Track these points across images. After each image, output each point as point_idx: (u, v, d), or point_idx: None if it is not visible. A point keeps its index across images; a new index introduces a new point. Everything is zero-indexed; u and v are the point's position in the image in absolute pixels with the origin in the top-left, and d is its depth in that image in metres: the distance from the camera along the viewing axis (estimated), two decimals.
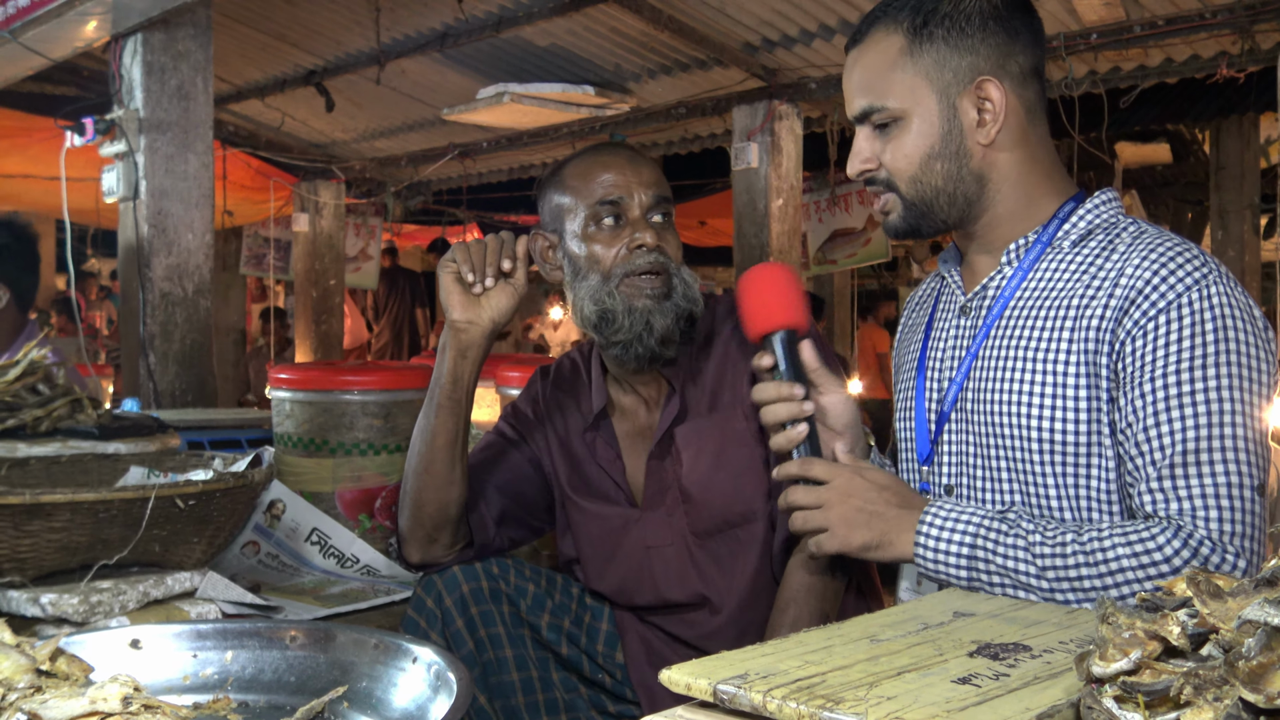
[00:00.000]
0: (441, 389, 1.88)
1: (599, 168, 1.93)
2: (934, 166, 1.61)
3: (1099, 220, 1.62)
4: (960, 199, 1.63)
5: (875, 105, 1.63)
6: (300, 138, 8.02)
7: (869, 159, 1.65)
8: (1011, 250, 1.65)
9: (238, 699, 1.35)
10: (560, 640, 1.98)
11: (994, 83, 1.60)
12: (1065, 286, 1.58)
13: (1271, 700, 0.70)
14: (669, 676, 1.07)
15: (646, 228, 1.90)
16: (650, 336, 1.88)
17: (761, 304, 1.63)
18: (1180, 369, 1.44)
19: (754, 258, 6.00)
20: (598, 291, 1.89)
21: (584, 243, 1.91)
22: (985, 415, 1.61)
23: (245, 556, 2.35)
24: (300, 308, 8.74)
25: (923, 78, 1.60)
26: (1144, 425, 1.45)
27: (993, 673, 1.05)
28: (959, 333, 1.69)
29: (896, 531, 1.54)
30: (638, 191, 1.91)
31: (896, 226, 1.68)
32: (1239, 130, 7.68)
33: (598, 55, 5.91)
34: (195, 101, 4.29)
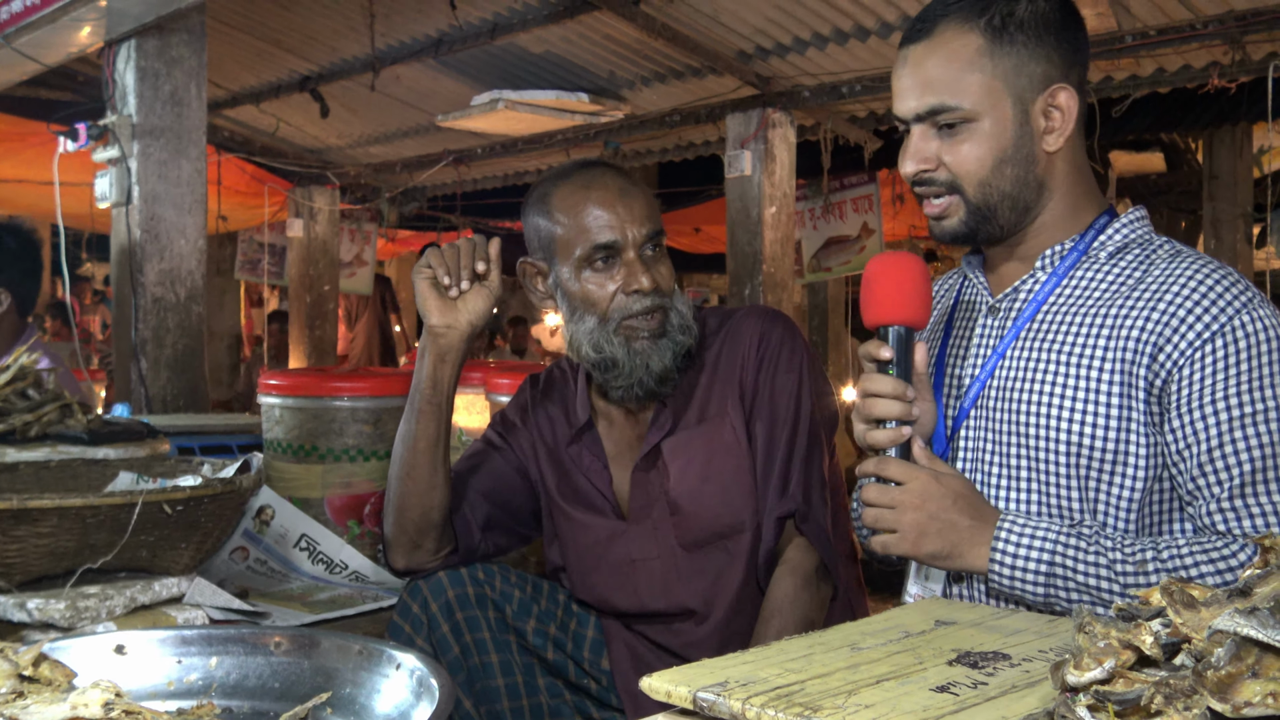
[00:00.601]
0: (421, 394, 1.89)
1: (591, 203, 1.89)
2: (1004, 171, 1.60)
3: (1134, 235, 1.64)
4: (1021, 205, 1.63)
5: (947, 104, 1.58)
6: (295, 143, 8.02)
7: (929, 159, 1.61)
8: (1047, 256, 1.65)
9: (221, 705, 1.35)
10: (546, 646, 1.99)
11: (1067, 90, 1.60)
12: (1102, 297, 1.59)
13: (1238, 710, 0.70)
14: (649, 684, 1.07)
15: (642, 269, 1.89)
16: (650, 378, 1.90)
17: (888, 294, 1.57)
18: (1241, 391, 1.48)
19: (747, 265, 6.01)
20: (595, 336, 1.89)
21: (578, 283, 1.90)
22: (1009, 415, 1.61)
23: (234, 562, 2.36)
24: (295, 313, 8.73)
25: (1000, 80, 1.58)
26: (1208, 447, 1.48)
27: (971, 681, 1.05)
28: (985, 332, 1.70)
29: (969, 545, 1.53)
30: (630, 229, 1.89)
31: (955, 231, 1.64)
32: (1232, 140, 7.70)
33: (592, 63, 5.92)
34: (188, 107, 4.30)
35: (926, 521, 1.52)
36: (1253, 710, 0.70)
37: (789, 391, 1.92)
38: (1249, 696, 0.71)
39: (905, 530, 1.53)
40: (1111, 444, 1.53)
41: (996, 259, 1.72)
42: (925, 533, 1.52)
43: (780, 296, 6.03)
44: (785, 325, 1.98)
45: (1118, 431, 1.53)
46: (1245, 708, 0.70)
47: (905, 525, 1.53)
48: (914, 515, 1.52)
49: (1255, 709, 0.70)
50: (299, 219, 8.47)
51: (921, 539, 1.53)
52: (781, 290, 6.04)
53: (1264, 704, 0.69)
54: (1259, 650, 0.75)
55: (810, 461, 1.91)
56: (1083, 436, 1.55)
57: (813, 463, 1.91)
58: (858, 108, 6.16)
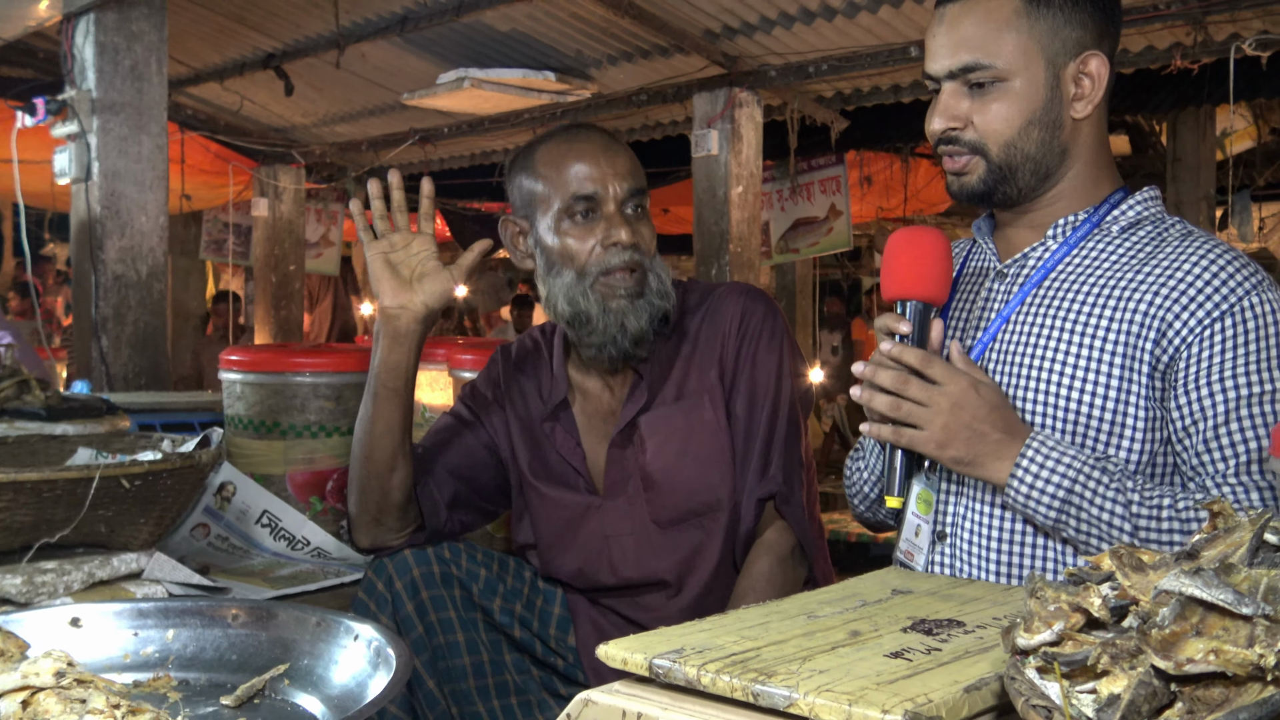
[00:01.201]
0: (377, 378, 1.87)
1: (573, 157, 1.88)
2: (1031, 133, 1.61)
3: (1147, 213, 1.66)
4: (1043, 170, 1.64)
5: (981, 62, 1.59)
6: (259, 121, 7.95)
7: (958, 117, 1.63)
8: (1059, 225, 1.67)
9: (178, 677, 1.35)
10: (512, 623, 1.98)
11: (1099, 57, 1.62)
12: (1112, 269, 1.61)
13: (1181, 667, 0.71)
14: (605, 652, 1.08)
15: (622, 223, 1.87)
16: (624, 338, 1.88)
17: (909, 268, 1.56)
18: (1250, 370, 1.51)
19: (714, 245, 6.01)
20: (572, 290, 1.87)
21: (557, 236, 1.88)
22: (1009, 378, 1.63)
23: (195, 539, 2.34)
24: (260, 293, 8.67)
25: (1035, 42, 1.60)
26: (1214, 424, 1.51)
27: (925, 647, 1.06)
28: (990, 295, 1.71)
29: (993, 457, 1.53)
30: (612, 183, 1.87)
31: (973, 189, 1.65)
32: (1196, 122, 7.74)
33: (559, 41, 5.89)
34: (149, 83, 4.25)
35: (959, 427, 1.51)
36: (1195, 667, 0.70)
37: (770, 371, 1.92)
38: (1192, 654, 0.72)
39: (934, 430, 1.51)
40: (1110, 413, 1.55)
41: (1008, 226, 1.73)
42: (954, 436, 1.51)
43: (747, 277, 6.03)
44: (767, 304, 1.97)
45: (1116, 401, 1.55)
46: (1188, 664, 0.71)
47: (936, 426, 1.51)
48: (946, 418, 1.51)
49: (1198, 665, 0.70)
50: (264, 198, 8.41)
51: (949, 441, 1.51)
52: (748, 271, 6.05)
53: (1206, 660, 0.70)
54: (1203, 609, 0.76)
55: (791, 443, 1.91)
56: (1080, 404, 1.57)
57: (793, 444, 1.91)
58: (825, 88, 6.16)
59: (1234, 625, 0.74)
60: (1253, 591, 0.77)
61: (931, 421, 1.51)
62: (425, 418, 2.74)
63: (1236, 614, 0.73)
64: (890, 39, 5.32)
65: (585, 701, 1.03)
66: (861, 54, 5.48)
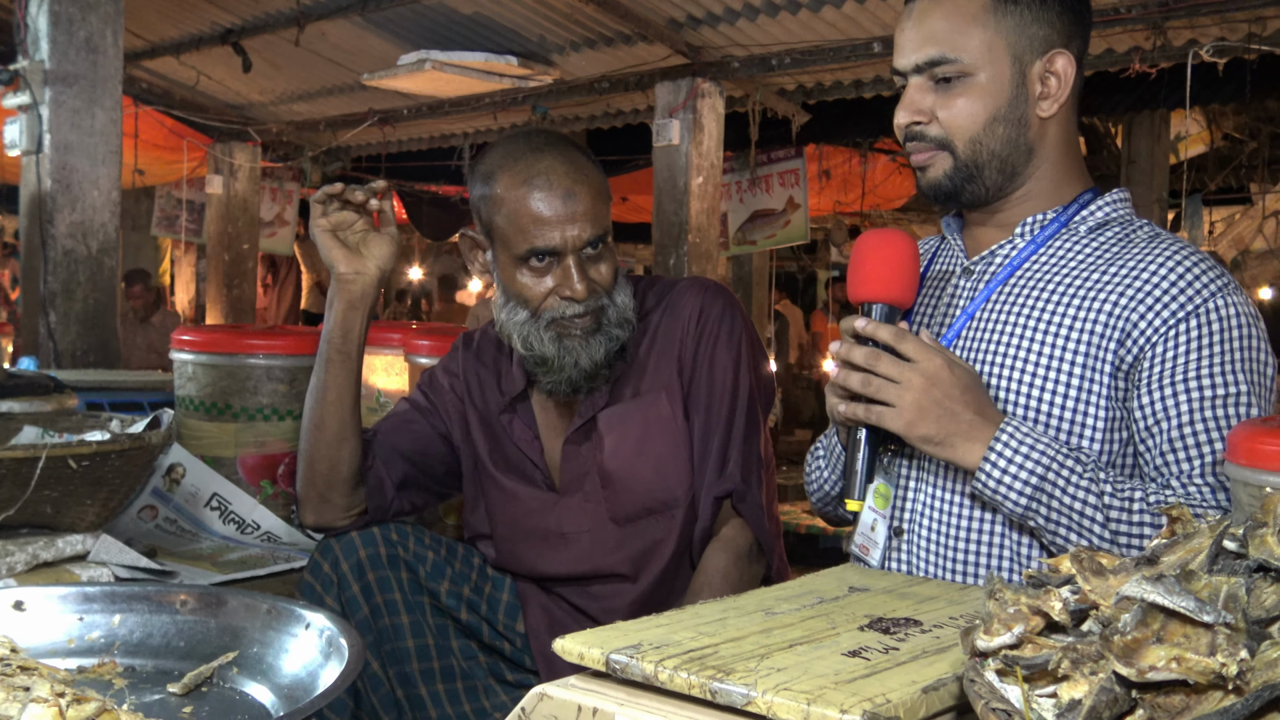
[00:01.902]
0: (331, 343, 1.87)
1: (531, 203, 1.80)
2: (996, 130, 1.61)
3: (1116, 214, 1.67)
4: (1009, 168, 1.64)
5: (947, 56, 1.59)
6: (216, 98, 7.85)
7: (923, 112, 1.62)
8: (1027, 224, 1.67)
9: (124, 663, 1.32)
10: (460, 607, 1.97)
11: (1066, 56, 1.62)
12: (1077, 269, 1.62)
13: (1143, 674, 0.71)
14: (562, 646, 1.07)
15: (578, 275, 1.81)
16: (578, 374, 1.85)
17: (876, 271, 1.55)
18: (1214, 373, 1.52)
19: (673, 235, 6.00)
20: (525, 329, 1.85)
21: (513, 275, 1.84)
22: None
23: (142, 521, 2.31)
24: (213, 272, 8.57)
25: (1002, 39, 1.60)
26: (1178, 424, 1.52)
27: (882, 646, 1.06)
28: (956, 292, 1.71)
29: (964, 438, 1.51)
30: (571, 234, 1.80)
31: (940, 185, 1.65)
32: (1150, 126, 7.83)
33: (522, 26, 5.86)
34: (104, 55, 4.17)
35: (930, 404, 1.49)
36: (1157, 674, 0.70)
37: (728, 368, 1.90)
38: (1153, 661, 0.72)
39: (905, 408, 1.49)
40: (1070, 411, 1.56)
41: (976, 225, 1.73)
42: (925, 414, 1.49)
43: (705, 267, 6.03)
44: (726, 299, 1.95)
45: (1076, 400, 1.56)
46: (1150, 672, 0.71)
47: (907, 403, 1.49)
48: (918, 395, 1.49)
49: (1160, 673, 0.70)
50: (219, 175, 8.31)
51: (920, 419, 1.49)
52: (706, 261, 6.04)
53: (1168, 668, 0.70)
54: (1164, 616, 0.76)
55: (749, 440, 1.89)
56: (1041, 401, 1.57)
57: (751, 441, 1.90)
58: (787, 80, 6.16)
59: (1195, 633, 0.74)
60: (1213, 599, 0.78)
61: (902, 397, 1.49)
62: (379, 402, 2.72)
63: (1198, 622, 0.73)
64: (854, 34, 5.33)
65: (540, 695, 1.02)
66: (825, 48, 5.49)
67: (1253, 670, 0.69)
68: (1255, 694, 0.68)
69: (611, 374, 1.90)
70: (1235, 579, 0.79)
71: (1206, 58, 4.62)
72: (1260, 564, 0.81)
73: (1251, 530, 0.84)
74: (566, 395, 1.90)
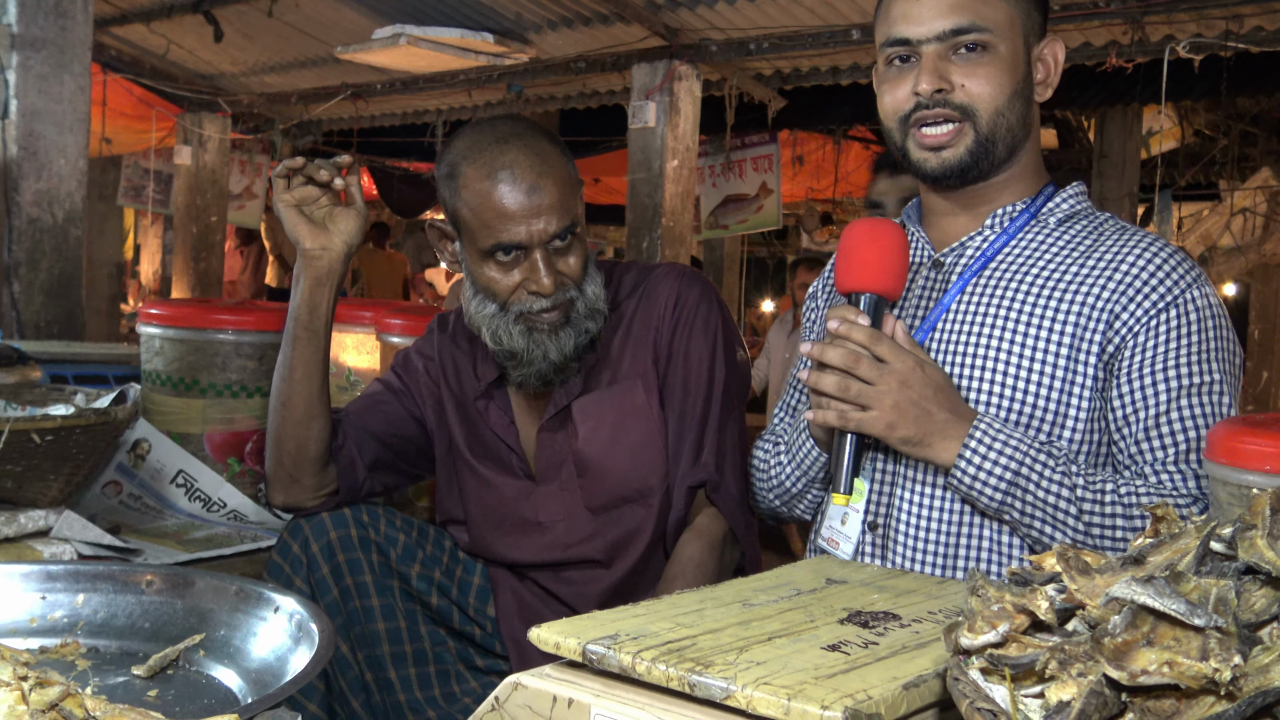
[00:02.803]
0: (298, 320, 1.83)
1: (496, 198, 1.76)
2: (1015, 105, 1.62)
3: (1080, 207, 1.69)
4: (1012, 145, 1.64)
5: (975, 24, 1.58)
6: (186, 67, 7.75)
7: (946, 80, 1.59)
8: (997, 215, 1.68)
9: (87, 644, 1.30)
10: (430, 591, 1.95)
11: (1060, 44, 1.65)
12: (1054, 260, 1.63)
13: (1134, 678, 0.70)
14: (538, 635, 1.05)
15: (545, 269, 1.77)
16: (548, 367, 1.83)
17: (867, 261, 1.54)
18: (1192, 362, 1.55)
19: (646, 218, 5.98)
20: (494, 324, 1.82)
21: (480, 269, 1.81)
22: (952, 366, 1.63)
23: (106, 496, 2.27)
24: (180, 244, 8.48)
25: (1018, 15, 1.61)
26: (1155, 413, 1.54)
27: (862, 640, 1.05)
28: (927, 284, 1.70)
29: (940, 437, 1.52)
30: (537, 228, 1.76)
31: (960, 162, 1.62)
32: (1123, 120, 7.87)
33: (499, 3, 5.81)
34: (73, 20, 4.10)
35: (907, 405, 1.49)
36: (1148, 679, 0.70)
37: (704, 356, 1.88)
38: (1144, 664, 0.71)
39: (883, 409, 1.49)
40: (1054, 402, 1.57)
41: (944, 215, 1.73)
42: (903, 415, 1.49)
43: (678, 251, 6.01)
44: (703, 286, 1.93)
45: (1061, 391, 1.57)
46: (1141, 675, 0.70)
47: (885, 405, 1.49)
48: (894, 397, 1.49)
49: (1151, 677, 0.70)
50: (188, 146, 8.22)
51: (898, 420, 1.50)
52: (680, 245, 6.03)
53: (1160, 672, 0.69)
54: (1154, 619, 0.75)
55: (724, 429, 1.88)
56: (1026, 392, 1.57)
57: (726, 430, 1.88)
58: (764, 65, 6.14)
59: (1185, 636, 0.73)
60: (1203, 602, 0.77)
61: (881, 401, 1.49)
62: (349, 380, 2.69)
63: (1188, 625, 0.73)
64: (833, 20, 5.32)
65: (515, 685, 1.01)
66: (803, 34, 5.47)
67: (1246, 675, 0.69)
68: (1248, 700, 0.67)
69: (582, 365, 1.88)
70: (1225, 581, 0.78)
71: (1183, 54, 4.64)
72: (1249, 566, 0.80)
73: (1240, 532, 0.83)
74: (536, 388, 1.88)
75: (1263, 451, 1.22)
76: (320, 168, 1.80)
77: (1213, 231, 9.08)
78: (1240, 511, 1.10)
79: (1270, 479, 1.20)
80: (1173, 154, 8.66)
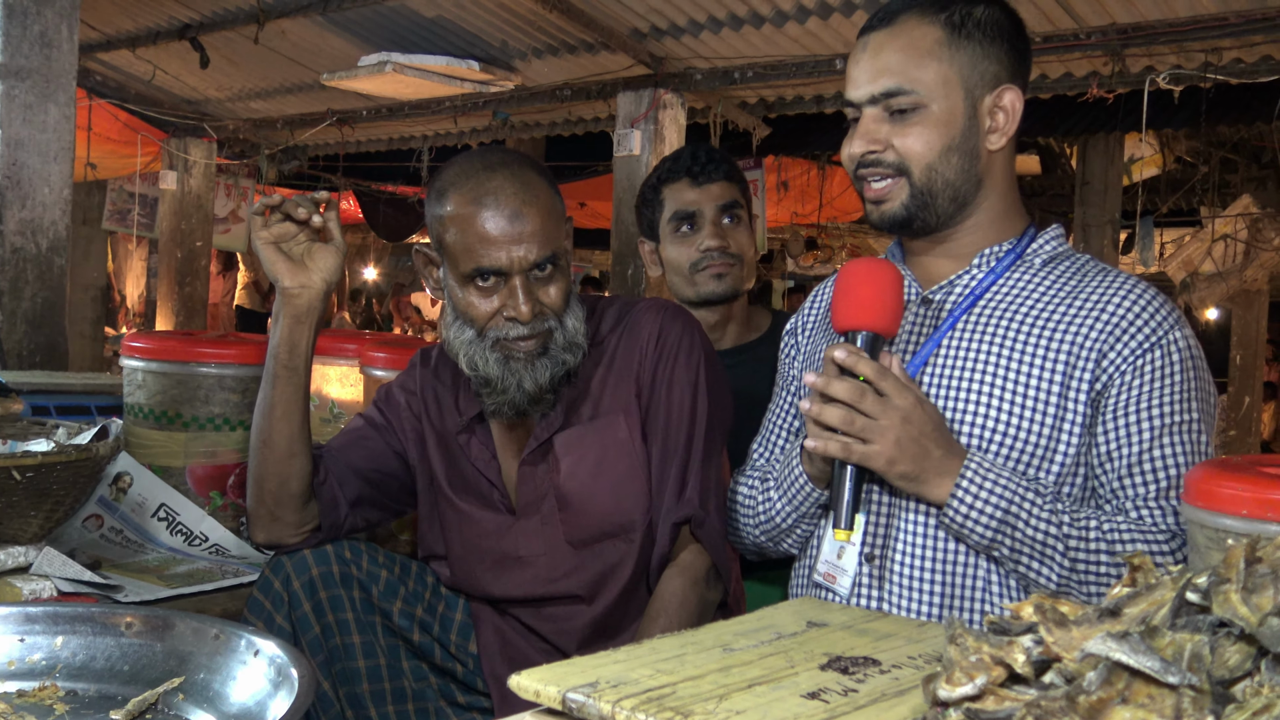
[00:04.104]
0: (277, 359, 1.83)
1: (479, 223, 1.77)
2: (950, 159, 1.65)
3: (1060, 249, 1.73)
4: (960, 197, 1.68)
5: (904, 88, 1.63)
6: (172, 93, 7.75)
7: (878, 140, 1.65)
8: (984, 255, 1.71)
9: (66, 687, 1.29)
10: (412, 628, 1.94)
11: (1014, 91, 1.67)
12: (1042, 299, 1.66)
13: None
14: (518, 683, 1.05)
15: (524, 297, 1.78)
16: (522, 397, 1.82)
17: (863, 300, 1.56)
18: (1174, 401, 1.59)
19: (631, 245, 5.98)
20: (471, 349, 1.82)
21: (461, 294, 1.82)
22: (944, 401, 1.65)
23: (87, 530, 2.26)
24: (164, 268, 8.47)
25: (956, 72, 1.64)
26: (1139, 450, 1.58)
27: (842, 688, 1.05)
28: (918, 321, 1.73)
29: (936, 474, 1.54)
30: (518, 255, 1.77)
31: (895, 215, 1.68)
32: (1105, 148, 7.93)
33: (484, 30, 5.82)
34: (59, 49, 4.10)
35: (907, 442, 1.51)
36: None
37: (686, 391, 1.88)
38: None
39: (884, 444, 1.51)
40: (1044, 438, 1.60)
41: (922, 255, 1.76)
42: (903, 450, 1.51)
43: None
44: (685, 321, 1.93)
45: (1052, 428, 1.59)
46: None
47: (887, 439, 1.51)
48: (896, 433, 1.51)
49: None
50: (173, 171, 8.21)
51: (899, 455, 1.51)
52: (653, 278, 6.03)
53: None
54: (1129, 674, 0.75)
55: (707, 464, 1.88)
56: (1019, 428, 1.60)
57: (710, 465, 1.88)
58: (748, 93, 6.17)
59: (1160, 693, 0.73)
60: (1178, 658, 0.77)
61: (884, 436, 1.51)
62: (333, 413, 2.69)
63: (1163, 683, 0.73)
64: (817, 50, 5.35)
65: None
66: (787, 63, 5.50)
67: None
68: None
69: (557, 398, 1.88)
70: (1199, 636, 0.79)
71: (1163, 85, 4.68)
72: (1223, 621, 0.81)
73: (1215, 585, 0.84)
74: (510, 418, 1.88)
75: (1239, 496, 1.22)
76: (299, 205, 1.80)
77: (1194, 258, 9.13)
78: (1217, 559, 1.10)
79: (1247, 523, 1.21)
80: (1154, 181, 8.73)
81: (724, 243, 2.59)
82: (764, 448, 1.97)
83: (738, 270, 2.62)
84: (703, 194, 2.61)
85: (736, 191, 2.65)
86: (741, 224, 2.65)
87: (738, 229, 2.64)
